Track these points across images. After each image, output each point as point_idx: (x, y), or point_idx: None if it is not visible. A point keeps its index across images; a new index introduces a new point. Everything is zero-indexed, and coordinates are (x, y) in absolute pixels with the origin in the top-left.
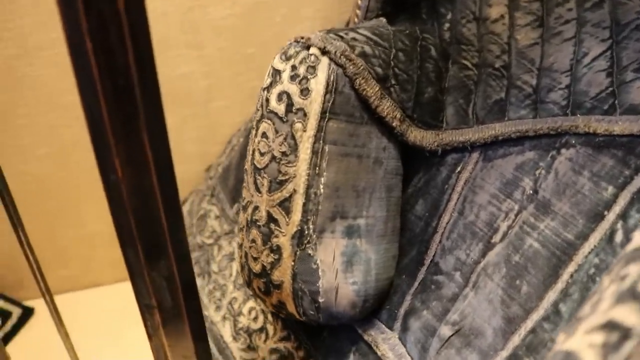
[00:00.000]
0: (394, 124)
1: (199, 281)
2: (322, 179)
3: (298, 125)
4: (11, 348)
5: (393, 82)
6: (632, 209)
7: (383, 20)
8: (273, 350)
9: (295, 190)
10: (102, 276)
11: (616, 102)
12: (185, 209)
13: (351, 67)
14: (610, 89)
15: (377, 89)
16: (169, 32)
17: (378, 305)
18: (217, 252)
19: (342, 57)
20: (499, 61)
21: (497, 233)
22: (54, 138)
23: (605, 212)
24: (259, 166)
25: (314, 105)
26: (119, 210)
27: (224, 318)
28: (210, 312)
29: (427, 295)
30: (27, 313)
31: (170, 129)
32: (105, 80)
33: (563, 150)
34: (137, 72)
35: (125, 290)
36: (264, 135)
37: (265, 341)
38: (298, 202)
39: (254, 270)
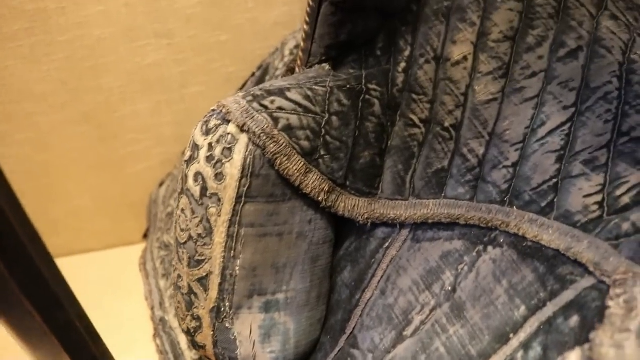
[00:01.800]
0: (320, 198)
1: (162, 282)
2: (238, 261)
3: (212, 210)
4: None
5: (322, 152)
6: (536, 341)
7: (326, 67)
8: None
9: (211, 272)
10: (89, 243)
11: (555, 200)
12: (161, 193)
13: (272, 146)
14: (555, 180)
15: (301, 164)
16: (134, 23)
17: None
18: None
19: (262, 135)
20: (450, 119)
21: (410, 326)
22: (31, 126)
23: (511, 335)
24: (180, 240)
25: (228, 190)
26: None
27: None
28: (170, 317)
29: None
30: None
31: (145, 113)
32: None
33: (490, 248)
34: None
35: (111, 256)
36: (183, 211)
37: None
38: (214, 281)
39: (182, 327)
